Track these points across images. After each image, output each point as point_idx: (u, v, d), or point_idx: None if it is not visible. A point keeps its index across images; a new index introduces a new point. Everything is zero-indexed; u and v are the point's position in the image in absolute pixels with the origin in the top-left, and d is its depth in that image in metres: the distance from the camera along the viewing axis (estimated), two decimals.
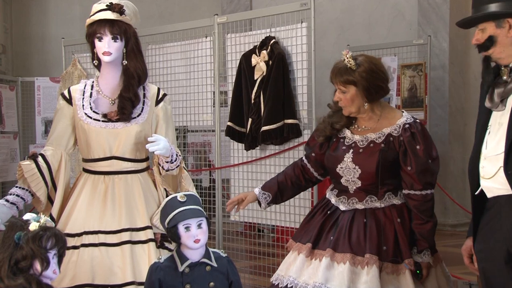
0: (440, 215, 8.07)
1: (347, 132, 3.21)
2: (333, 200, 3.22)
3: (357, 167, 3.10)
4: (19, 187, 3.16)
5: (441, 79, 8.11)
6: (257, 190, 3.37)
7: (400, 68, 6.47)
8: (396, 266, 3.00)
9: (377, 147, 3.08)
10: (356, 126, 3.22)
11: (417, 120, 3.14)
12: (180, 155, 3.22)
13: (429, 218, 3.07)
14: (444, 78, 8.15)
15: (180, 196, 2.67)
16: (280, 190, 3.36)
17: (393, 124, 3.11)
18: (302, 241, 3.16)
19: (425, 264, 3.06)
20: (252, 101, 4.89)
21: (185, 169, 3.29)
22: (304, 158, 3.41)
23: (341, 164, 3.15)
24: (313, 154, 3.34)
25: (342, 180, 3.17)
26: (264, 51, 4.82)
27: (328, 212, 3.18)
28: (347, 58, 3.07)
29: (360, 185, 3.11)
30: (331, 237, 3.06)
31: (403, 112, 3.21)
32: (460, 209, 7.47)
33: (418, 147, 3.03)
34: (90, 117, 3.16)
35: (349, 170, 3.12)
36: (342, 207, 3.15)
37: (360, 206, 3.11)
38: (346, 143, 3.18)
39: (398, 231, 3.04)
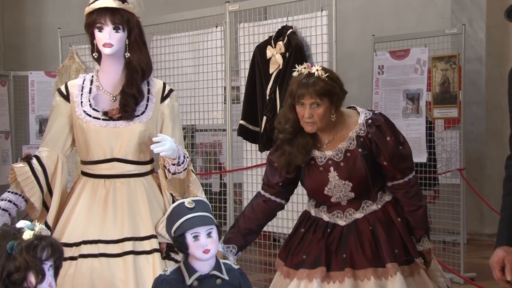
0: (477, 224, 8.04)
1: (315, 152, 3.28)
2: (325, 217, 3.31)
3: (346, 181, 3.21)
4: (12, 192, 3.18)
5: (477, 72, 8.06)
6: (220, 247, 3.37)
7: (431, 60, 6.40)
8: (410, 268, 3.20)
9: (355, 153, 3.19)
10: (319, 144, 3.29)
11: (376, 111, 3.30)
12: (188, 157, 3.23)
13: (419, 203, 3.25)
14: (481, 71, 8.11)
15: (188, 202, 2.67)
16: (245, 238, 3.41)
17: (356, 124, 3.21)
18: (307, 266, 3.21)
19: (427, 251, 3.27)
20: (267, 97, 4.89)
21: (193, 172, 3.30)
22: (264, 193, 3.41)
23: (328, 185, 3.24)
24: (280, 184, 3.35)
25: (332, 199, 3.27)
26: (280, 42, 4.82)
27: (329, 230, 3.26)
28: (318, 69, 3.14)
29: (353, 196, 3.24)
30: (344, 255, 3.16)
31: (356, 108, 3.31)
32: (498, 217, 7.42)
33: (388, 138, 3.19)
34: (90, 115, 3.18)
35: (338, 188, 3.23)
36: (341, 222, 3.26)
37: (359, 215, 3.25)
38: (320, 163, 3.26)
39: (401, 230, 3.23)
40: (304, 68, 3.18)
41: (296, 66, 3.23)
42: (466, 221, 6.82)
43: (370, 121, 3.19)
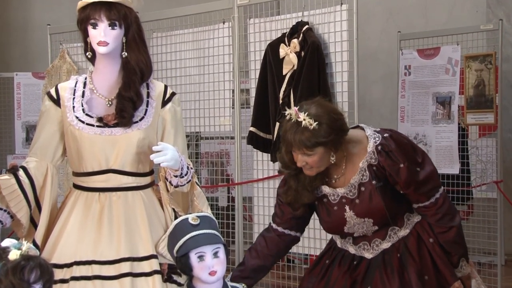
0: None
1: (326, 189, 3.27)
2: (351, 250, 3.35)
3: (366, 218, 3.22)
4: None
5: None
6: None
7: (464, 60, 6.40)
8: None
9: (370, 186, 3.17)
10: (327, 179, 3.28)
11: (386, 134, 3.20)
12: (192, 168, 3.24)
13: (450, 223, 3.22)
14: None
15: (192, 218, 2.68)
16: (256, 275, 3.43)
17: (365, 154, 3.18)
18: None
19: (466, 276, 3.28)
20: (280, 101, 4.90)
21: (198, 184, 3.30)
22: (277, 227, 3.43)
23: (347, 225, 3.26)
24: (291, 219, 3.38)
25: (355, 234, 3.30)
26: (295, 40, 4.83)
27: (355, 263, 3.30)
28: (305, 119, 3.03)
29: (377, 228, 3.25)
30: (368, 287, 3.21)
31: (363, 130, 3.25)
32: None
33: (401, 165, 3.13)
34: (83, 122, 3.19)
35: (359, 225, 3.25)
36: (368, 255, 3.30)
37: (386, 245, 3.28)
38: (333, 201, 3.26)
39: (434, 253, 3.22)
40: (293, 114, 3.07)
41: (285, 109, 3.16)
42: (504, 240, 6.79)
43: (380, 147, 3.14)
